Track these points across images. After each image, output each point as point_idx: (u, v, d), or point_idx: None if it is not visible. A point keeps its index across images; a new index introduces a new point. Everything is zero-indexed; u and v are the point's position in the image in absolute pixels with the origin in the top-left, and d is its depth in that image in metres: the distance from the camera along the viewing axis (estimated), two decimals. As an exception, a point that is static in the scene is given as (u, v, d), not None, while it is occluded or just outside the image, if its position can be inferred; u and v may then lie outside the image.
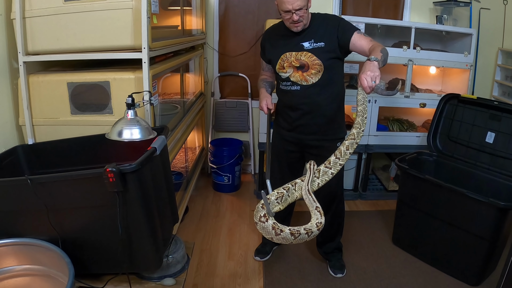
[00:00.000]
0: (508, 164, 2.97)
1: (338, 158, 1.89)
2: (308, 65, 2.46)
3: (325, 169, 1.87)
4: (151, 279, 2.10)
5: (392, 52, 3.73)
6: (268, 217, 1.60)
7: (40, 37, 2.38)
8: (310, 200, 1.75)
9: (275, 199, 1.72)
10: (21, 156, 2.30)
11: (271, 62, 2.62)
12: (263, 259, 3.01)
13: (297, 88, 2.53)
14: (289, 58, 2.49)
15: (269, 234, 1.60)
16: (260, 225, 1.60)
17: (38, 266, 1.94)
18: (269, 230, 1.57)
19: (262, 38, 2.72)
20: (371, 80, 1.96)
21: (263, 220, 1.59)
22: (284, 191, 1.75)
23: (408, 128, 4.08)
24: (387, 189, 4.19)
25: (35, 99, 2.45)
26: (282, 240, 1.60)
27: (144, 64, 2.32)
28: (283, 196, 1.74)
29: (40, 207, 1.81)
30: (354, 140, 1.92)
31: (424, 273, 2.92)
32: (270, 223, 1.58)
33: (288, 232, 1.57)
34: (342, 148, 1.90)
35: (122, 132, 1.98)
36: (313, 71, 2.46)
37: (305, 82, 2.50)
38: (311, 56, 2.44)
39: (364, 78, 1.97)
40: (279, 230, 1.57)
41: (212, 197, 4.08)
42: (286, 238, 1.58)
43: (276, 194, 1.72)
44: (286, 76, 2.54)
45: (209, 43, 4.28)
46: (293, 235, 1.58)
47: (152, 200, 1.89)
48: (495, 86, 4.53)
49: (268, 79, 2.75)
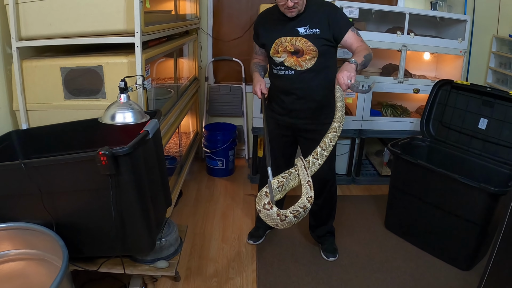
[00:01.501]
0: (500, 150, 3.00)
1: (323, 149, 1.95)
2: (303, 50, 2.46)
3: (314, 160, 1.92)
4: (144, 262, 2.13)
5: (386, 38, 3.74)
6: (272, 204, 1.62)
7: (33, 22, 2.37)
8: (304, 174, 1.80)
9: (277, 187, 1.74)
10: (15, 141, 2.32)
11: (265, 46, 2.61)
12: (256, 242, 3.04)
13: (291, 73, 2.53)
14: (284, 43, 2.49)
15: (274, 221, 1.61)
16: (265, 213, 1.61)
17: (33, 250, 1.96)
18: (274, 217, 1.59)
19: (256, 22, 2.70)
20: (347, 79, 2.15)
21: (267, 208, 1.60)
22: (284, 180, 1.77)
23: (401, 113, 4.09)
24: (380, 174, 4.22)
25: (28, 84, 2.44)
26: (286, 225, 1.62)
27: (137, 48, 2.32)
28: (283, 185, 1.77)
29: (34, 191, 1.83)
30: (336, 133, 2.01)
31: (416, 257, 2.96)
32: (274, 210, 1.60)
33: (291, 216, 1.59)
34: (326, 140, 1.97)
35: (115, 115, 2.00)
36: (308, 57, 2.47)
37: (299, 67, 2.50)
38: (306, 42, 2.44)
39: (341, 76, 2.16)
40: (283, 216, 1.59)
41: (206, 182, 4.11)
42: (290, 221, 1.61)
43: (277, 182, 1.75)
44: (280, 61, 2.54)
45: (203, 28, 4.26)
46: (296, 217, 1.60)
47: (144, 183, 1.91)
48: (489, 73, 4.53)
49: (261, 63, 2.75)
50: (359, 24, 3.90)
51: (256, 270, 2.77)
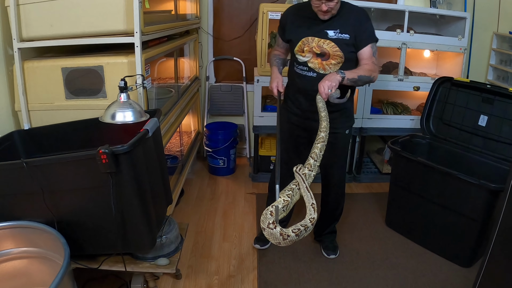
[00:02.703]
0: (500, 147, 3.00)
1: (315, 160, 1.96)
2: (329, 54, 2.41)
3: (309, 172, 1.92)
4: (145, 259, 2.15)
5: (386, 36, 3.75)
6: (276, 224, 1.66)
7: (34, 23, 2.39)
8: (308, 197, 1.81)
9: (282, 207, 1.77)
10: (18, 141, 2.35)
11: (290, 42, 2.55)
12: (263, 247, 2.99)
13: (313, 74, 2.47)
14: (311, 43, 2.43)
15: (276, 240, 1.65)
16: (268, 231, 1.65)
17: (35, 248, 1.98)
18: (277, 236, 1.64)
19: (284, 15, 2.61)
20: (327, 89, 2.18)
21: (271, 227, 1.64)
22: (289, 200, 1.80)
23: (402, 111, 4.10)
24: (382, 172, 4.23)
25: (30, 84, 2.47)
26: (288, 243, 1.67)
27: (137, 48, 2.34)
28: (288, 204, 1.80)
29: (36, 190, 1.85)
30: (324, 143, 2.02)
31: (417, 254, 2.97)
32: (278, 230, 1.64)
33: (293, 235, 1.64)
34: (317, 151, 1.97)
35: (115, 114, 2.02)
36: (333, 62, 2.42)
37: (322, 71, 2.45)
38: (334, 46, 2.39)
39: (321, 85, 2.19)
40: (286, 235, 1.63)
41: (207, 180, 4.13)
42: (292, 240, 1.65)
43: (283, 202, 1.78)
44: (304, 61, 2.48)
45: (203, 28, 4.28)
46: (297, 235, 1.65)
47: (145, 181, 1.93)
48: (490, 70, 4.53)
49: (281, 56, 2.70)
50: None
51: (257, 267, 2.78)
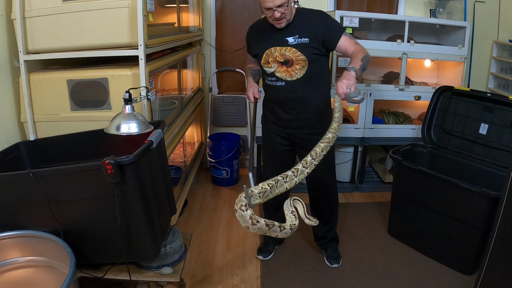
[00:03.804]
0: (501, 154, 3.02)
1: (313, 158, 1.96)
2: (293, 60, 2.46)
3: (303, 168, 1.94)
4: (149, 268, 2.17)
5: (386, 46, 3.79)
6: (248, 207, 1.69)
7: (40, 36, 2.44)
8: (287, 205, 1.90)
9: (258, 192, 1.80)
10: (23, 151, 2.38)
11: (257, 56, 2.62)
12: (266, 258, 3.01)
13: (282, 84, 2.53)
14: (274, 53, 2.49)
15: (246, 223, 1.70)
16: (239, 213, 1.71)
17: (40, 257, 2.00)
18: (246, 219, 1.68)
19: (247, 33, 2.71)
20: (346, 88, 2.12)
21: (243, 209, 1.68)
22: (268, 188, 1.83)
23: (403, 120, 4.13)
24: (384, 181, 4.25)
25: (36, 96, 2.51)
26: (257, 230, 1.71)
27: (141, 61, 2.38)
28: (266, 192, 1.82)
29: (42, 200, 1.88)
30: (328, 143, 2.01)
31: (419, 262, 2.98)
32: (248, 213, 1.67)
33: (263, 223, 1.68)
34: (317, 150, 1.97)
35: (120, 126, 2.05)
36: (298, 67, 2.46)
37: (289, 78, 2.50)
38: (296, 52, 2.43)
39: (339, 85, 2.14)
40: (255, 221, 1.67)
41: (211, 191, 4.15)
42: (261, 228, 1.69)
43: (260, 188, 1.81)
44: (271, 71, 2.54)
45: (206, 40, 4.34)
46: (268, 226, 1.69)
47: (149, 191, 1.96)
48: (491, 79, 4.57)
49: (255, 67, 2.77)
50: (360, 33, 3.96)
51: (260, 277, 2.80)
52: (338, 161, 4.05)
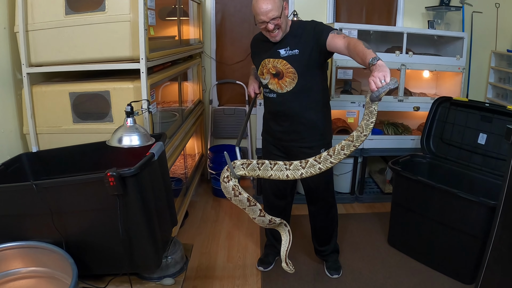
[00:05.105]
0: (500, 164, 3.03)
1: (330, 155, 1.81)
2: (283, 73, 2.48)
3: (314, 162, 1.82)
4: (151, 279, 2.18)
5: (385, 58, 3.79)
6: (230, 178, 1.71)
7: (43, 49, 2.47)
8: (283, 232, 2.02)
9: (241, 164, 1.83)
10: (26, 163, 2.40)
11: (256, 67, 2.66)
12: (266, 269, 3.02)
13: (273, 95, 2.56)
14: (267, 65, 2.52)
15: (228, 194, 1.77)
16: (223, 185, 1.78)
17: (43, 268, 2.00)
18: (229, 190, 1.76)
19: (251, 42, 2.77)
20: (379, 81, 1.75)
21: (226, 181, 1.72)
22: (254, 161, 1.85)
23: (403, 131, 4.15)
24: (384, 191, 4.26)
25: (38, 108, 2.54)
26: (238, 203, 1.77)
27: (142, 74, 2.41)
28: (251, 165, 1.84)
29: (45, 211, 1.89)
30: (352, 142, 1.80)
31: (419, 272, 2.98)
32: (231, 183, 1.72)
33: (245, 196, 1.75)
34: (337, 147, 1.82)
35: (122, 139, 2.07)
36: (288, 79, 2.48)
37: (280, 90, 2.52)
38: (286, 64, 2.45)
39: (371, 80, 1.77)
40: (237, 192, 1.75)
41: (211, 202, 4.16)
42: (243, 201, 1.76)
43: (243, 161, 1.85)
44: (265, 83, 2.59)
45: (206, 52, 4.38)
46: (249, 202, 1.76)
47: (151, 203, 1.97)
48: (489, 88, 4.60)
49: None
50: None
51: None
52: (338, 172, 4.07)
